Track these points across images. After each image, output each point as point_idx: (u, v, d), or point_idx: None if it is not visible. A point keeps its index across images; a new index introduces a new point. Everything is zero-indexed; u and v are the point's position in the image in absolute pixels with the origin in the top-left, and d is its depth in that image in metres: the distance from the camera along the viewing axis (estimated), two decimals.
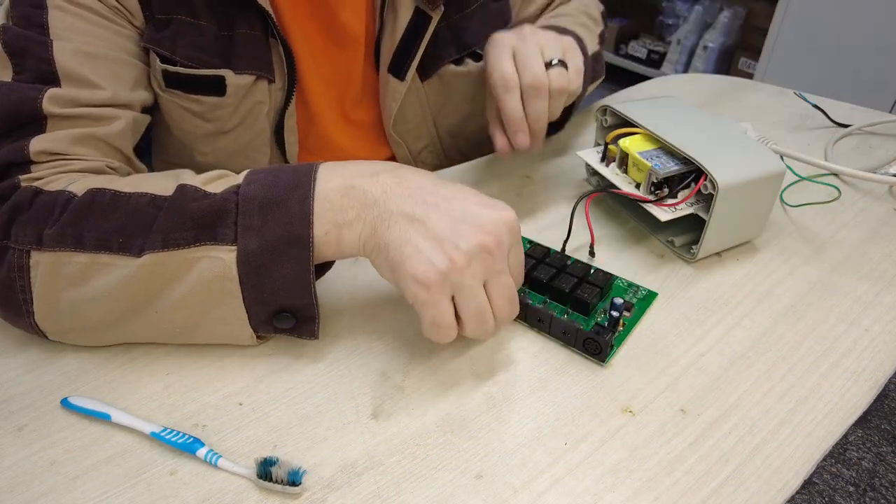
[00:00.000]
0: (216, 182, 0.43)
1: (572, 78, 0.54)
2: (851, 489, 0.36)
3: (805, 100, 0.81)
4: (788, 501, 0.38)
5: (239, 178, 0.42)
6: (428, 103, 0.67)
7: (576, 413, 0.42)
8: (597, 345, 0.45)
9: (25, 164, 0.45)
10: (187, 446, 0.39)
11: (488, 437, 0.41)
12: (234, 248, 0.40)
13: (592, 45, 0.68)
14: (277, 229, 0.39)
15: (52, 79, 0.47)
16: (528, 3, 0.73)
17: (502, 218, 0.41)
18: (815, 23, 2.00)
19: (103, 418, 0.41)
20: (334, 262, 0.46)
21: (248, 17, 0.55)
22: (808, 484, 0.38)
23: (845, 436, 0.41)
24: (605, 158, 0.59)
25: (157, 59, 0.54)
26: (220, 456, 0.38)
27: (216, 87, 0.57)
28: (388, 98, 0.64)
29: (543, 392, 0.44)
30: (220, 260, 0.40)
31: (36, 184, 0.44)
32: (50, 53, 0.47)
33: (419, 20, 0.60)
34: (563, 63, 0.54)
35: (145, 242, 0.40)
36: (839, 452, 0.38)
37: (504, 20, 0.68)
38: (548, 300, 0.50)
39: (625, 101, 0.61)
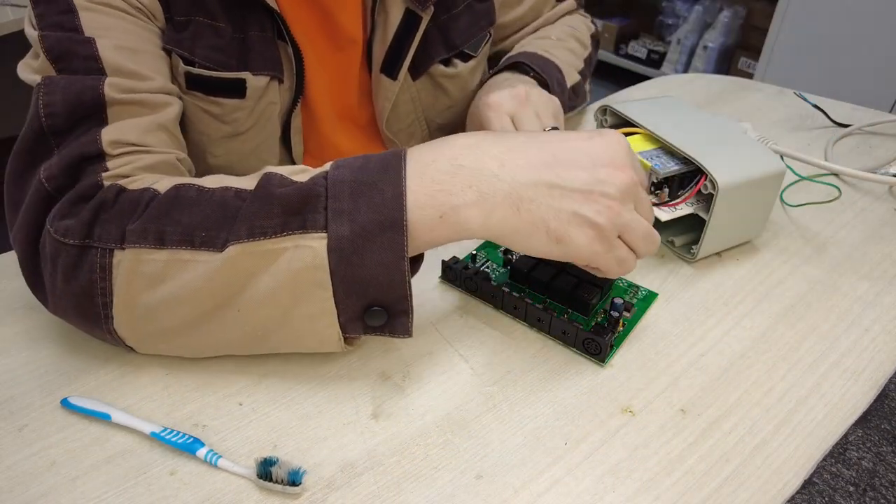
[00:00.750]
0: (300, 175, 0.41)
1: None
2: (851, 489, 0.36)
3: (805, 100, 0.81)
4: (788, 501, 0.38)
5: (325, 167, 0.41)
6: (420, 102, 0.68)
7: (576, 413, 0.42)
8: (596, 345, 0.45)
9: (100, 156, 0.44)
10: (187, 446, 0.39)
11: (488, 437, 0.41)
12: (325, 234, 0.38)
13: (572, 76, 0.71)
14: (370, 212, 0.38)
15: (100, 74, 0.46)
16: (506, 10, 0.73)
17: (619, 143, 0.42)
18: (815, 23, 2.00)
19: (103, 418, 0.41)
20: (423, 259, 0.44)
21: (258, 19, 0.56)
22: (808, 484, 0.38)
23: (845, 436, 0.42)
24: None
25: (181, 62, 0.54)
26: (220, 456, 0.38)
27: (237, 89, 0.57)
28: (380, 97, 0.65)
29: (543, 392, 0.44)
30: (309, 248, 0.38)
31: (120, 182, 0.43)
32: (95, 50, 0.47)
33: (409, 20, 0.61)
34: (555, 129, 0.58)
35: (229, 234, 0.39)
36: (839, 452, 0.38)
37: (490, 20, 0.69)
38: (548, 300, 0.50)
39: (625, 101, 0.61)
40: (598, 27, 0.83)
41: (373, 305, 0.40)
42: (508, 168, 0.39)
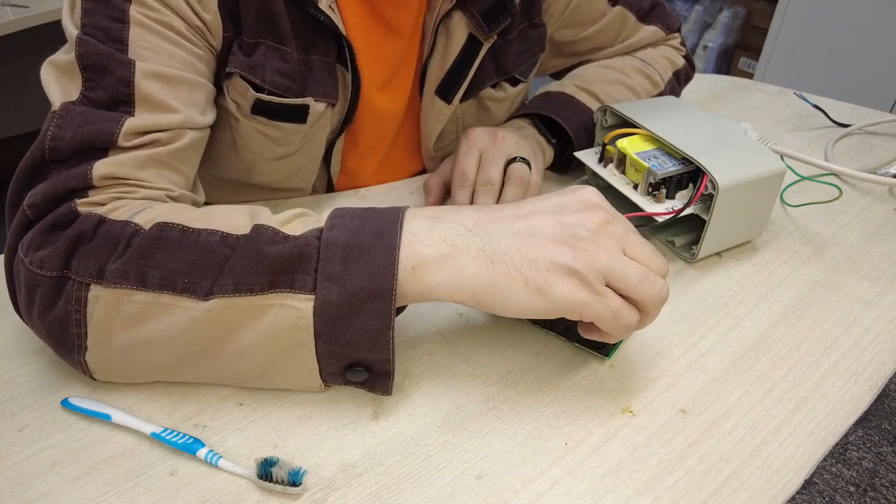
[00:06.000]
0: (294, 222, 0.41)
1: (533, 177, 0.60)
2: (852, 489, 0.36)
3: (805, 100, 0.81)
4: (789, 502, 0.38)
5: (321, 220, 0.40)
6: (462, 123, 0.69)
7: (576, 413, 0.42)
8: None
9: (86, 189, 0.42)
10: (188, 447, 0.39)
11: (488, 437, 0.41)
12: (312, 297, 0.37)
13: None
14: (360, 280, 0.37)
15: (128, 101, 0.44)
16: (573, 29, 0.72)
17: (590, 191, 0.41)
18: (815, 23, 2.00)
19: (104, 419, 0.41)
20: (405, 307, 0.44)
21: (324, 44, 0.56)
22: (808, 484, 0.38)
23: (846, 436, 0.42)
24: (604, 159, 0.59)
25: (250, 88, 0.53)
26: (221, 456, 0.38)
27: (300, 114, 0.56)
28: (430, 118, 0.65)
29: (543, 392, 0.44)
30: (295, 309, 0.37)
31: (99, 211, 0.41)
32: (131, 75, 0.44)
33: (471, 46, 0.61)
34: (524, 160, 0.59)
35: (214, 285, 0.38)
36: (839, 452, 0.38)
37: (541, 46, 0.69)
38: None
39: (625, 101, 0.61)
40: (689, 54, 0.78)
41: (355, 365, 0.40)
42: (482, 225, 0.40)
